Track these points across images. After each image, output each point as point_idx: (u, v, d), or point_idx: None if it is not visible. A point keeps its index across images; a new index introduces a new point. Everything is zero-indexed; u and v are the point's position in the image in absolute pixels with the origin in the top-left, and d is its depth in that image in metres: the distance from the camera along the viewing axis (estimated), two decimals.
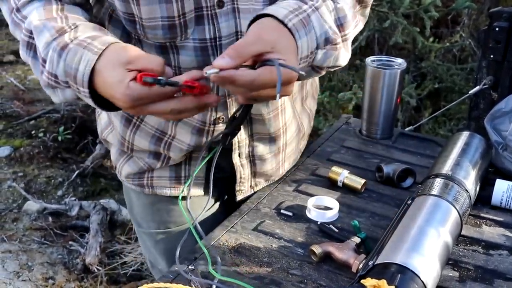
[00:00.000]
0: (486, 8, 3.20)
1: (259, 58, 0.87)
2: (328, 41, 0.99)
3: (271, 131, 1.22)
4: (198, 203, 1.22)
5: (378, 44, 3.31)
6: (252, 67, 0.88)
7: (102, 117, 1.31)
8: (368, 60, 1.51)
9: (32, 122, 4.06)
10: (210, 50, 1.08)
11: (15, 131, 3.98)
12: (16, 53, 5.27)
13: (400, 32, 2.63)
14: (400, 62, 1.51)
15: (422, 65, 3.06)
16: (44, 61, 0.97)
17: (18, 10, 1.02)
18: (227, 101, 1.15)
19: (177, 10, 1.02)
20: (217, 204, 1.34)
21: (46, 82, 0.99)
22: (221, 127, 1.17)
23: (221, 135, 1.06)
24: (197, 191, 1.26)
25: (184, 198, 1.16)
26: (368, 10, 1.14)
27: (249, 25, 0.94)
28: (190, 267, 1.04)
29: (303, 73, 0.89)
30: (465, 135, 1.31)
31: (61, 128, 3.81)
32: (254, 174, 1.27)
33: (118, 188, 3.39)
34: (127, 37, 1.12)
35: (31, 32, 1.00)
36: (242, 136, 1.20)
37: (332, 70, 1.07)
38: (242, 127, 1.18)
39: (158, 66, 0.89)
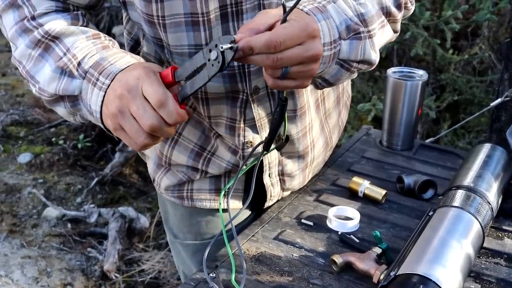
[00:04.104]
0: (506, 21, 3.18)
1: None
2: (349, 29, 0.95)
3: (299, 150, 1.22)
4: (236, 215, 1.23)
5: (397, 56, 3.30)
6: None
7: None
8: (389, 71, 1.51)
9: (53, 129, 4.11)
10: (238, 76, 1.08)
11: (36, 138, 4.03)
12: None
13: (420, 44, 2.63)
14: (421, 74, 1.51)
15: (441, 77, 3.05)
16: (71, 51, 0.97)
17: (33, 18, 1.01)
18: (257, 125, 1.15)
19: (205, 39, 1.02)
20: (250, 215, 1.35)
21: (60, 67, 0.97)
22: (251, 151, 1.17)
23: (262, 144, 1.05)
24: (236, 204, 1.26)
25: (224, 210, 1.17)
26: (398, 26, 1.09)
27: None
28: (211, 274, 1.04)
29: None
30: (486, 147, 1.31)
31: (81, 136, 3.85)
32: (283, 189, 1.28)
33: (136, 196, 3.41)
34: (160, 56, 1.13)
35: (48, 33, 0.99)
36: (272, 157, 1.20)
37: (364, 69, 1.02)
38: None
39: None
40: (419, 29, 2.65)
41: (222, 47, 0.82)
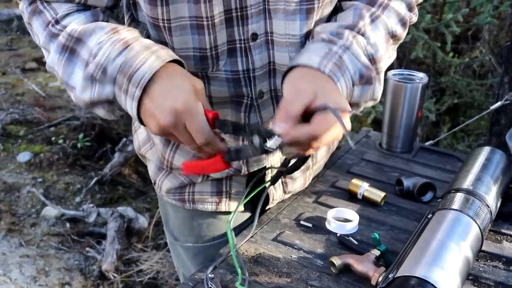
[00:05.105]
0: (507, 24, 3.19)
1: (308, 109, 0.89)
2: (362, 77, 1.00)
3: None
4: (237, 218, 1.23)
5: (397, 59, 3.31)
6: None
7: (140, 133, 1.30)
8: (390, 73, 1.52)
9: (52, 128, 4.11)
10: (243, 81, 1.08)
11: (36, 137, 4.03)
12: (38, 60, 5.34)
13: (420, 46, 2.63)
14: (421, 76, 1.51)
15: (441, 80, 3.05)
16: (95, 55, 0.95)
17: (56, 22, 1.00)
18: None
19: (209, 43, 1.02)
20: (250, 217, 1.34)
21: (89, 74, 0.95)
22: (254, 158, 1.17)
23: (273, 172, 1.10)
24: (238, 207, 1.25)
25: (227, 213, 1.19)
26: (400, 42, 1.14)
27: (284, 75, 0.97)
28: (210, 275, 1.04)
29: (357, 112, 0.97)
30: (486, 150, 1.31)
31: (81, 135, 3.84)
32: (284, 191, 1.28)
33: (135, 196, 3.41)
34: None
35: (71, 36, 0.98)
36: (274, 160, 1.21)
37: (369, 105, 1.09)
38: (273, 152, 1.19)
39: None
40: (420, 32, 2.65)
41: (270, 149, 0.89)
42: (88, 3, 1.03)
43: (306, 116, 0.89)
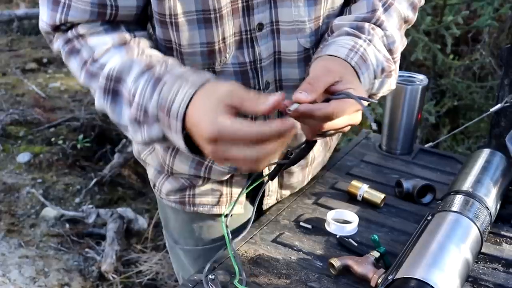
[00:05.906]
0: (507, 27, 3.19)
1: (329, 89, 0.91)
2: (384, 70, 1.04)
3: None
4: (237, 219, 1.22)
5: None
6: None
7: None
8: None
9: (52, 129, 4.11)
10: (250, 73, 1.08)
11: (35, 138, 4.03)
12: (38, 61, 5.35)
13: (421, 48, 2.63)
14: (421, 78, 1.51)
15: (441, 82, 3.06)
16: (134, 95, 0.92)
17: (94, 60, 0.98)
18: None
19: (217, 36, 1.02)
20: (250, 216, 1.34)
21: (133, 118, 0.94)
22: None
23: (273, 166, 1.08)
24: (237, 209, 1.25)
25: (225, 216, 1.18)
26: (411, 25, 1.18)
27: (311, 64, 0.99)
28: (210, 276, 1.04)
29: (375, 101, 0.99)
30: (486, 152, 1.31)
31: (80, 136, 3.85)
32: (281, 185, 1.28)
33: (135, 197, 3.41)
34: None
35: (109, 77, 0.96)
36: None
37: (385, 94, 1.11)
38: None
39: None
40: (420, 34, 2.65)
41: (290, 110, 0.87)
42: (118, 18, 1.01)
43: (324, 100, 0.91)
